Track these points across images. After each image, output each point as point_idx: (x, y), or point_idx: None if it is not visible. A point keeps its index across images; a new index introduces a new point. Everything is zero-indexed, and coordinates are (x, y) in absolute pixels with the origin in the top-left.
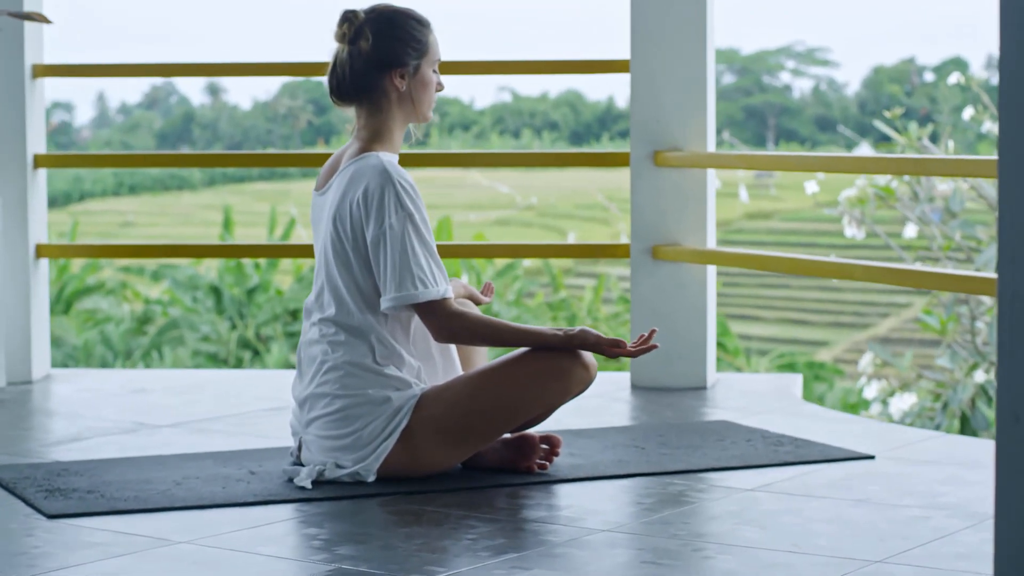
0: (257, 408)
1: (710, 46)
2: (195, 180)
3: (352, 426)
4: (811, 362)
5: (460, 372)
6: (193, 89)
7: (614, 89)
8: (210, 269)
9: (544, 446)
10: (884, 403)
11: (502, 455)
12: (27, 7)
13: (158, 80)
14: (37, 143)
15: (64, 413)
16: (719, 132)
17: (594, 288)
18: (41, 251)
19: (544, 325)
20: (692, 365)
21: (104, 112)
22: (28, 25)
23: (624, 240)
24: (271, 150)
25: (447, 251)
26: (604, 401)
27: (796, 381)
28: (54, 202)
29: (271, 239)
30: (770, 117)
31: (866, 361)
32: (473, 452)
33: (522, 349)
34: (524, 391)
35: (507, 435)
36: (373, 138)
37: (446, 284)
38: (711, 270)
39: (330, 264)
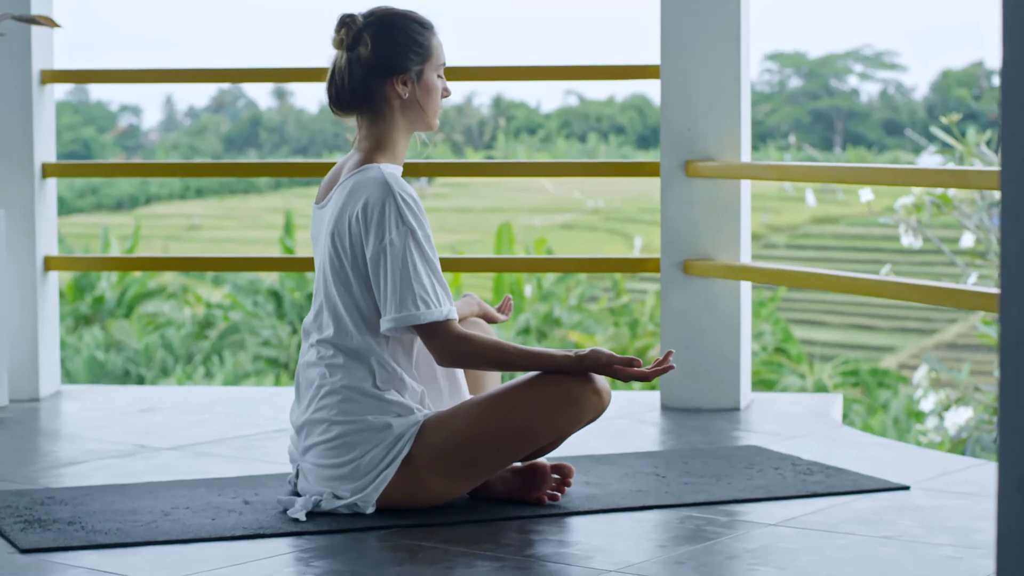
0: (268, 429)
1: (745, 50)
2: (261, 184)
3: (350, 454)
4: (875, 368)
5: (467, 397)
6: (260, 93)
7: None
8: (271, 273)
9: (555, 476)
10: (940, 416)
11: (511, 485)
12: (36, 12)
13: (225, 84)
14: (46, 151)
15: (65, 434)
16: (785, 136)
17: (657, 293)
18: (50, 263)
19: (608, 329)
20: (725, 385)
21: (172, 116)
22: (36, 30)
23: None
24: (337, 154)
25: (473, 265)
26: (631, 423)
27: (835, 402)
28: (120, 205)
29: None
30: (837, 121)
31: (920, 374)
32: (479, 482)
33: (531, 373)
34: (532, 418)
35: (517, 464)
36: (375, 149)
37: (450, 304)
38: (745, 286)
39: (328, 283)
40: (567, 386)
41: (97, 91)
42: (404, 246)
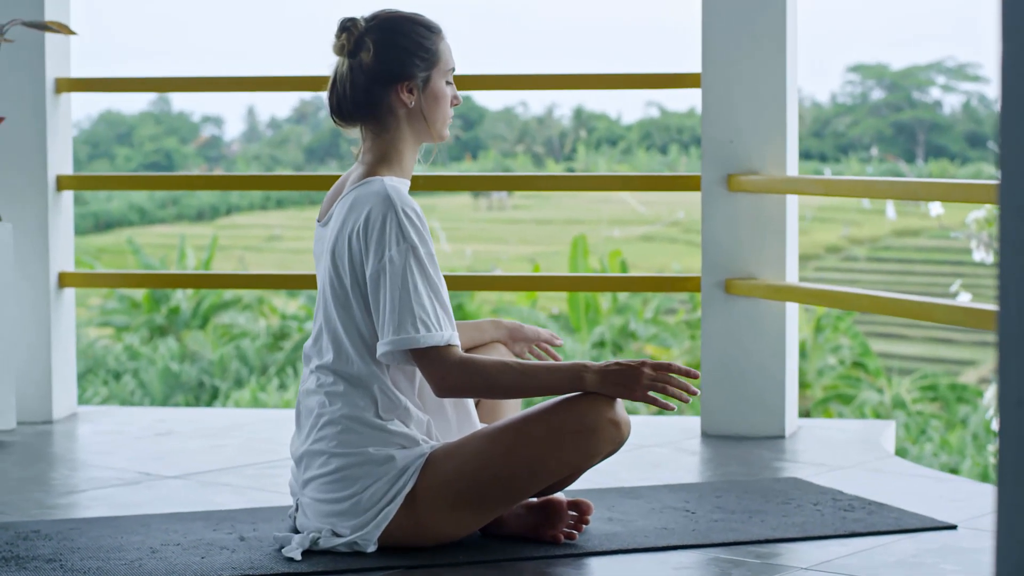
0: (284, 456)
1: (791, 57)
2: None
3: (350, 488)
4: (954, 383)
5: (478, 426)
6: None
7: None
8: None
9: (573, 513)
10: None
11: (524, 522)
12: (51, 19)
13: (307, 94)
14: (61, 163)
15: (70, 460)
16: (867, 148)
17: None
18: (64, 280)
19: (683, 343)
20: (769, 412)
21: (254, 126)
22: (51, 37)
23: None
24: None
25: (506, 284)
26: (669, 452)
27: (887, 429)
28: (201, 216)
29: None
30: (920, 133)
31: (991, 394)
32: (488, 520)
33: (546, 401)
34: (545, 452)
35: (532, 499)
36: (379, 161)
37: (452, 330)
38: (791, 307)
39: (328, 304)
40: (582, 417)
41: (179, 102)
42: (404, 264)
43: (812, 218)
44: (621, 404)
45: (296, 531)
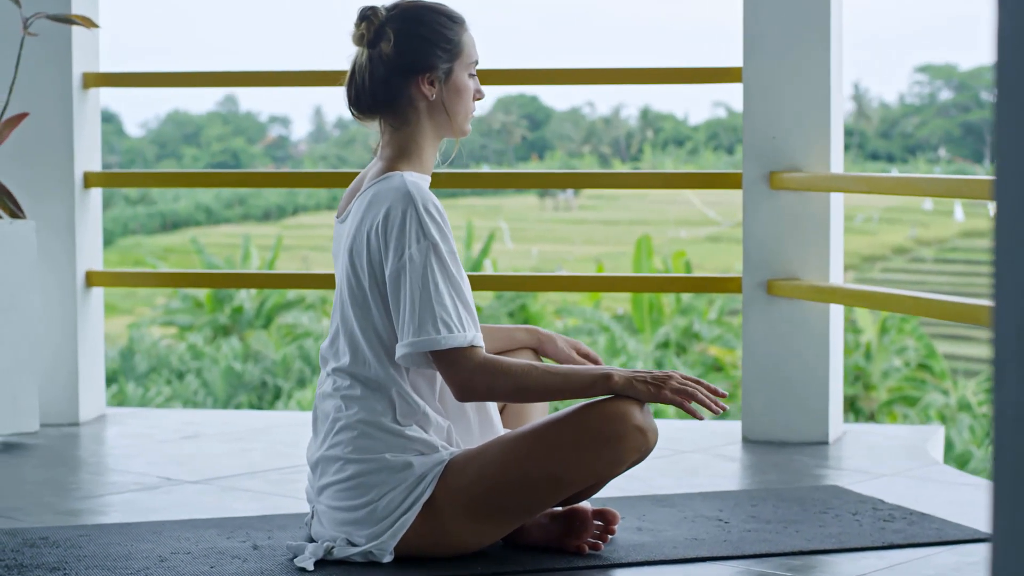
0: None
1: (835, 51)
2: None
3: (366, 496)
4: None
5: (500, 432)
6: None
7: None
8: None
9: (598, 522)
10: None
11: (548, 531)
12: (78, 13)
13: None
14: (89, 159)
15: (91, 464)
16: (935, 149)
17: None
18: (92, 279)
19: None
20: (812, 417)
21: (321, 126)
22: (78, 31)
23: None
24: (484, 166)
25: (536, 284)
26: (707, 457)
27: (936, 435)
28: (267, 215)
29: (468, 253)
30: (988, 134)
31: None
32: (510, 529)
33: (569, 407)
34: (568, 459)
35: (557, 507)
36: (399, 156)
37: (475, 331)
38: (835, 309)
39: (345, 305)
40: (606, 424)
41: (247, 102)
42: (425, 262)
43: (879, 219)
44: (648, 410)
45: (311, 540)
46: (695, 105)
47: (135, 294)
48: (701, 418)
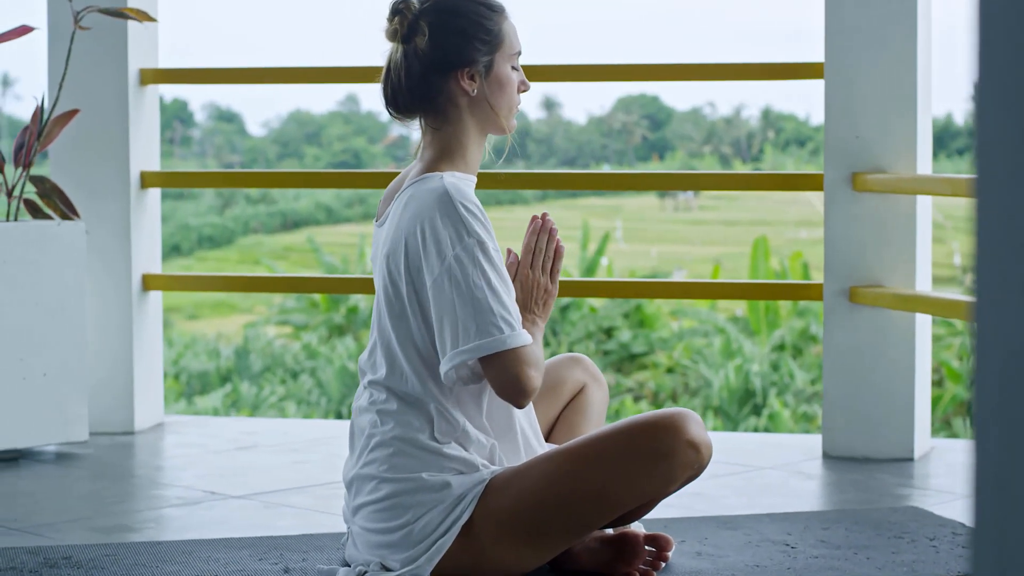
0: None
1: (923, 44)
2: (527, 195)
3: (402, 517)
4: None
5: (546, 448)
6: (530, 105)
7: (953, 104)
8: None
9: (650, 548)
10: None
11: (598, 557)
12: (132, 6)
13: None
14: (146, 158)
15: (136, 476)
16: None
17: None
18: (149, 282)
19: None
20: (896, 432)
21: None
22: (134, 26)
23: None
24: (605, 166)
25: (617, 289)
26: (782, 475)
27: None
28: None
29: (583, 255)
30: None
31: None
32: (554, 553)
33: (617, 423)
34: (615, 478)
35: (608, 530)
36: (441, 157)
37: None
38: (921, 319)
39: (382, 314)
40: (656, 438)
41: (368, 102)
42: (473, 260)
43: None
44: (701, 424)
45: (345, 563)
46: (817, 106)
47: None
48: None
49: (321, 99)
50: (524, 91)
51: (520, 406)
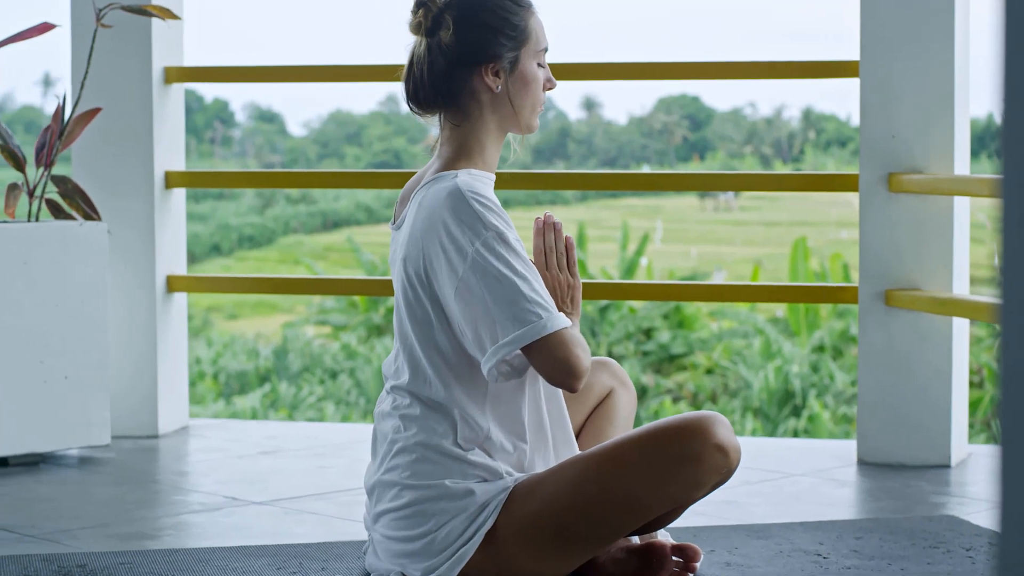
0: None
1: (960, 42)
2: (568, 195)
3: (424, 525)
4: None
5: (576, 452)
6: (570, 104)
7: (995, 104)
8: None
9: (677, 558)
10: None
11: (624, 567)
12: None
13: None
14: (171, 158)
15: (158, 482)
16: None
17: None
18: (173, 284)
19: None
20: (934, 438)
21: None
22: (158, 24)
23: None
24: (645, 167)
25: (668, 292)
26: (816, 481)
27: None
28: None
29: (623, 255)
30: None
31: None
32: (579, 562)
33: (641, 428)
34: (640, 484)
35: (634, 539)
36: (459, 154)
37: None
38: (959, 322)
39: (403, 319)
40: (683, 441)
41: None
42: (495, 253)
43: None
44: (729, 427)
45: (367, 573)
46: (857, 106)
47: None
48: None
49: (362, 99)
50: (550, 89)
51: (574, 389)
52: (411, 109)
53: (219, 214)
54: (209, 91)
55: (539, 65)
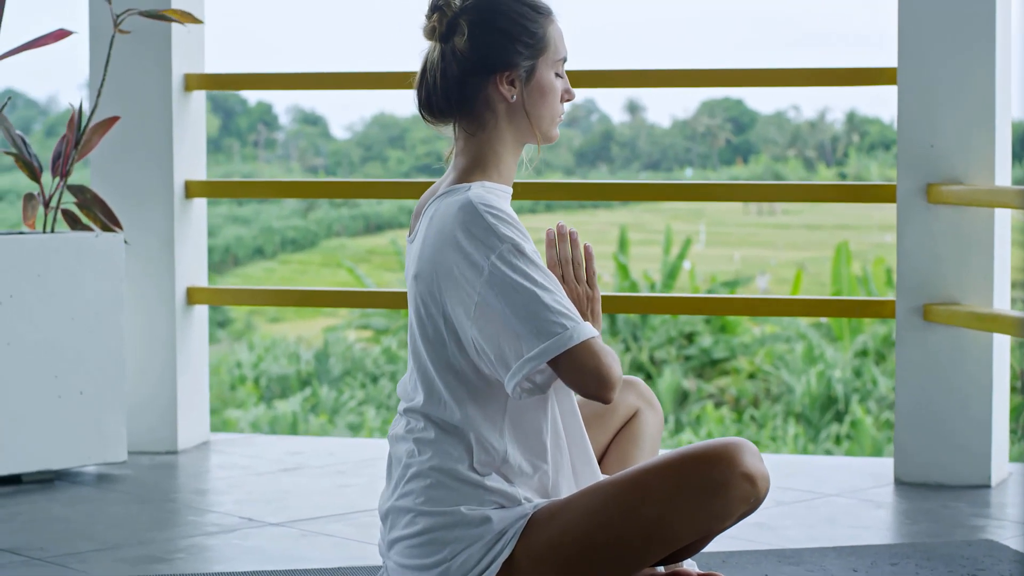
0: None
1: (1001, 49)
2: None
3: (439, 554)
4: None
5: (599, 477)
6: (614, 107)
7: None
8: (606, 289)
9: None
10: None
11: None
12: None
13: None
14: (191, 167)
15: (173, 501)
16: None
17: None
18: (193, 296)
19: None
20: (973, 457)
21: None
22: (178, 30)
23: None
24: (688, 170)
25: (697, 307)
26: (853, 502)
27: None
28: None
29: (666, 259)
30: None
31: None
32: None
33: (666, 453)
34: (665, 512)
35: (659, 568)
36: (473, 166)
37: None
38: (999, 338)
39: (416, 338)
40: (708, 469)
41: None
42: (512, 266)
43: None
44: (757, 454)
45: None
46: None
47: None
48: None
49: (405, 102)
50: (568, 100)
51: (607, 401)
52: (424, 118)
53: (262, 217)
54: (252, 94)
55: (557, 75)
